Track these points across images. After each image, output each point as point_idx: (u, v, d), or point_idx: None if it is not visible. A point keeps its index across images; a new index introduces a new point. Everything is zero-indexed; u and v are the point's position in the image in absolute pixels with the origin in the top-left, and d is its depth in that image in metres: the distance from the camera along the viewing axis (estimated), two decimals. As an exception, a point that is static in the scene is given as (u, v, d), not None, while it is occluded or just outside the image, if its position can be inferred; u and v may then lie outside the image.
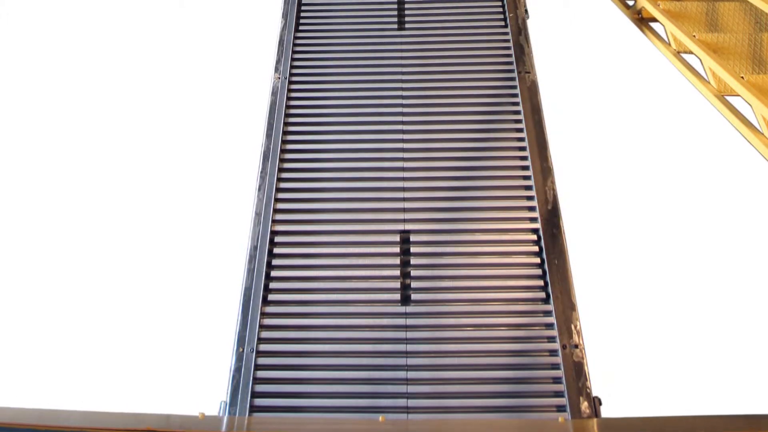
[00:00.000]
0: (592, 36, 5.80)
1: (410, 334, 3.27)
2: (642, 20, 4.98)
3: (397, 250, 3.56)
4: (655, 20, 4.85)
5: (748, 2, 4.54)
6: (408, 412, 3.05)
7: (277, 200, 3.72)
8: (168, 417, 2.33)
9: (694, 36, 4.36)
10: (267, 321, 3.34)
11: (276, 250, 3.57)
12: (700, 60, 4.29)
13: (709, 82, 4.22)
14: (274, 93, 4.22)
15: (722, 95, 4.11)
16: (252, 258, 3.51)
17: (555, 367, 3.11)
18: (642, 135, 4.98)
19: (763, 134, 3.74)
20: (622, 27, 5.01)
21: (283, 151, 3.94)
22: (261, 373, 3.18)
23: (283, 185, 3.80)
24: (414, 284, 3.43)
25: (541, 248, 3.47)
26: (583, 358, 3.08)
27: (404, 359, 3.19)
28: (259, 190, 3.76)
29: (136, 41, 7.88)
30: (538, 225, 3.55)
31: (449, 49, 4.43)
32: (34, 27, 12.20)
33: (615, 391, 3.06)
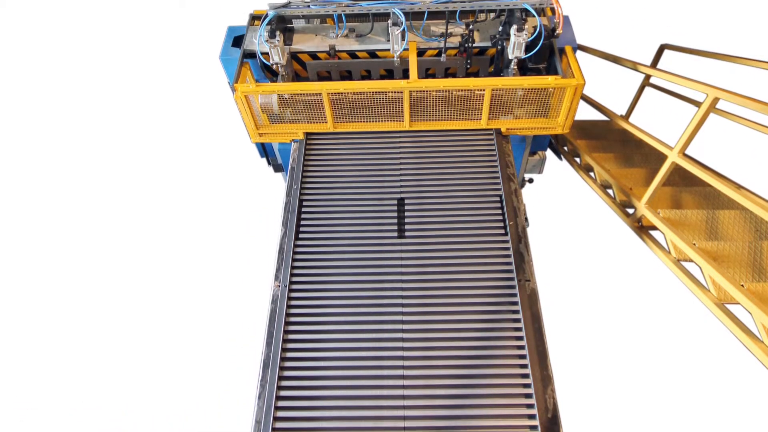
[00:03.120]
0: (591, 243, 7.09)
1: None
2: (642, 228, 6.14)
3: (396, 458, 4.41)
4: (655, 228, 6.01)
5: (748, 210, 5.72)
6: None
7: (277, 408, 4.60)
8: None
9: (694, 244, 5.41)
10: None
11: (276, 459, 4.42)
12: (701, 268, 5.30)
13: (709, 290, 5.24)
14: (274, 301, 5.27)
15: (722, 303, 5.06)
16: (252, 467, 4.35)
17: None
18: (643, 344, 5.98)
19: (763, 342, 4.63)
20: (622, 235, 6.24)
21: (283, 359, 4.88)
22: None
23: (283, 393, 4.69)
24: (414, 494, 4.24)
25: (542, 457, 4.33)
26: None
27: None
28: (259, 398, 4.67)
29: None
30: (538, 433, 4.43)
31: (449, 257, 5.53)
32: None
33: None
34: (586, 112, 7.73)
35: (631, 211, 6.44)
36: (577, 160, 7.69)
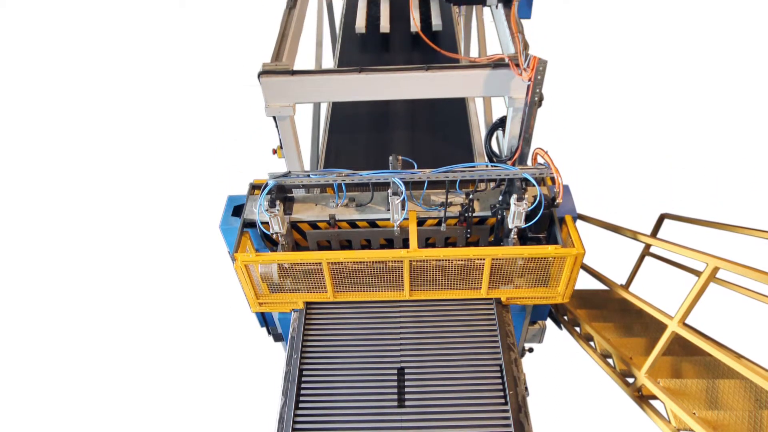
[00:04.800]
0: (591, 413, 7.65)
1: None
2: (642, 397, 6.62)
3: None
4: (655, 398, 6.50)
5: (748, 380, 6.18)
6: None
7: None
8: None
9: (695, 413, 5.92)
10: None
11: None
12: (701, 437, 5.83)
13: (709, 459, 5.76)
14: (274, 471, 5.80)
15: (723, 472, 5.59)
16: None
17: None
18: None
19: None
20: (622, 404, 6.80)
21: None
22: None
23: None
24: None
25: None
26: None
27: None
28: None
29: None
30: None
31: (449, 427, 6.01)
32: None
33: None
34: (586, 281, 8.29)
35: (631, 380, 6.93)
36: (578, 329, 8.25)
